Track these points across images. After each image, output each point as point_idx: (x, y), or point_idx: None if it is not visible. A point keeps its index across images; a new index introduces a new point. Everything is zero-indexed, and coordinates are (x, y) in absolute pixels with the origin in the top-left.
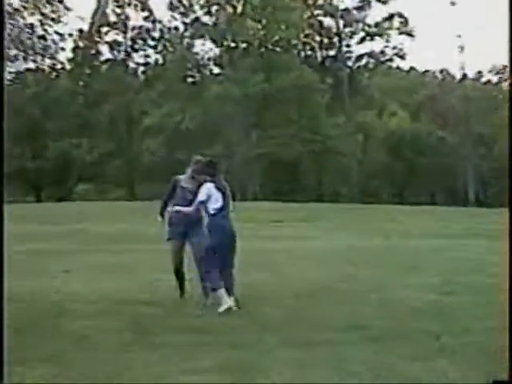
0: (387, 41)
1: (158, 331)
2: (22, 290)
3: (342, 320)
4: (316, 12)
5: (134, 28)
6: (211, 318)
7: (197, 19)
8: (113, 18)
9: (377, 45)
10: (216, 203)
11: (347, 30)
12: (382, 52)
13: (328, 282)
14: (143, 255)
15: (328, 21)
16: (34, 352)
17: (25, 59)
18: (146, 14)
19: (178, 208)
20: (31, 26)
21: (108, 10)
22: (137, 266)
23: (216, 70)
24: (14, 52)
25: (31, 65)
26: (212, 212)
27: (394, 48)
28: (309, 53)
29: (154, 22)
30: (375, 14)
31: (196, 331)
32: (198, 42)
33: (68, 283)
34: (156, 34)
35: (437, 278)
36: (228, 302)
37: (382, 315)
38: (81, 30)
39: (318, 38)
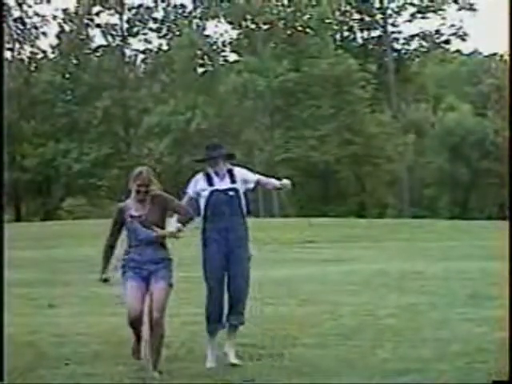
0: (443, 18)
1: (165, 378)
2: None
3: (392, 363)
4: None
5: (131, 8)
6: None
7: None
8: None
9: (430, 23)
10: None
11: (393, 5)
12: (437, 32)
13: (375, 315)
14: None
15: None
16: None
17: None
18: None
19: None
20: (6, 6)
21: None
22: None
23: (233, 58)
24: None
25: (7, 54)
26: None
27: (452, 26)
28: (346, 34)
29: None
30: None
31: (209, 376)
32: (210, 24)
33: (52, 321)
34: (159, 15)
35: (506, 310)
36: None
37: (440, 356)
38: (66, 11)
39: (357, 16)
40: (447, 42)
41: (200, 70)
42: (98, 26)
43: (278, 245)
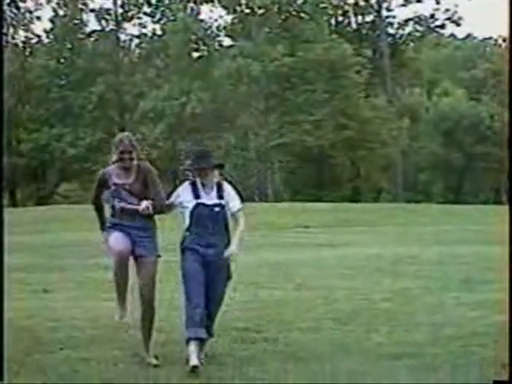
0: (438, 2)
1: (162, 362)
2: None
3: (387, 347)
4: None
5: None
6: (226, 346)
7: None
8: None
9: (425, 7)
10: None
11: None
12: (432, 16)
13: (370, 299)
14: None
15: None
16: None
17: None
18: None
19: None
20: None
21: None
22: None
23: (227, 42)
24: None
25: None
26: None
27: (447, 11)
28: (341, 19)
29: None
30: None
31: (208, 362)
32: (204, 8)
33: (48, 305)
34: None
35: (500, 294)
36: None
37: (434, 340)
38: None
39: (351, 1)
40: (442, 26)
41: (195, 54)
42: (92, 10)
43: (272, 230)
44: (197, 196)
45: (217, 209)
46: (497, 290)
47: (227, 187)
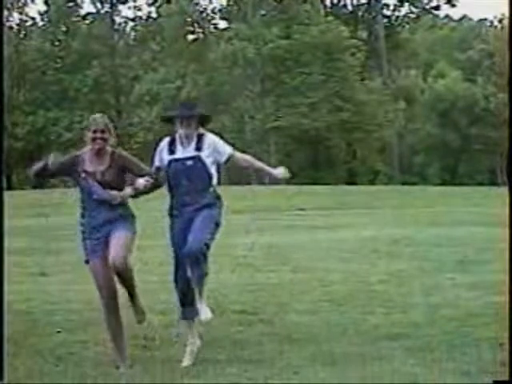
0: None
1: (157, 344)
2: None
3: (383, 328)
4: None
5: None
6: (223, 328)
7: None
8: None
9: None
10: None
11: None
12: None
13: (366, 281)
14: (135, 252)
15: None
16: (12, 374)
17: None
18: None
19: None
20: None
21: None
22: (138, 263)
23: (222, 25)
24: None
25: None
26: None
27: None
28: (336, 1)
29: None
30: None
31: (205, 345)
32: None
33: (44, 289)
34: None
35: (496, 275)
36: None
37: (429, 321)
38: None
39: None
40: (437, 7)
41: (190, 37)
42: None
43: (268, 212)
44: (172, 152)
45: (189, 162)
46: (493, 271)
47: (209, 137)
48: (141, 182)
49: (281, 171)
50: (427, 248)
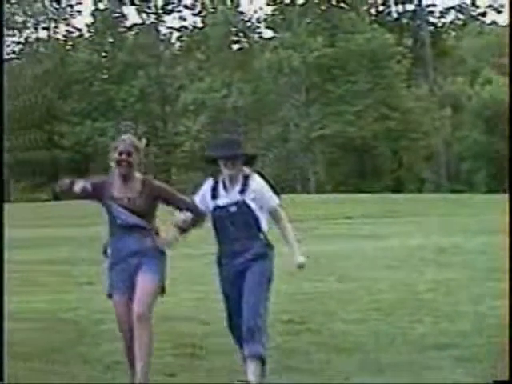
0: None
1: (204, 353)
2: (37, 307)
3: (431, 338)
4: None
5: None
6: (271, 337)
7: None
8: None
9: None
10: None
11: None
12: (474, 4)
13: (414, 290)
14: (186, 263)
15: None
16: (58, 382)
17: (35, 27)
18: None
19: None
20: None
21: None
22: (180, 275)
23: (268, 34)
24: (21, 18)
25: (43, 33)
26: None
27: None
28: (381, 8)
29: None
30: None
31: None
32: (244, 0)
33: (91, 298)
34: None
35: None
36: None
37: (478, 331)
38: None
39: None
40: (484, 14)
41: (235, 46)
42: (133, 3)
43: (315, 221)
44: (215, 196)
45: (233, 208)
46: None
47: (257, 181)
48: (181, 217)
49: (301, 260)
50: (475, 256)
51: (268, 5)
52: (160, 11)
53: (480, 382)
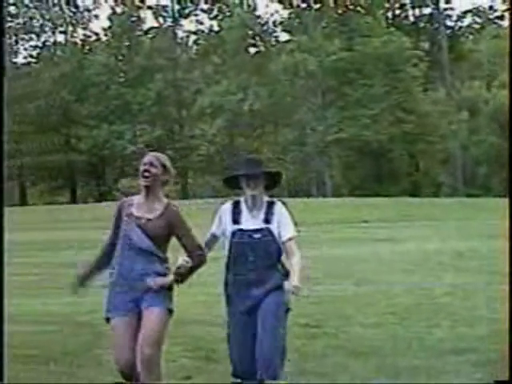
0: None
1: (219, 356)
2: (54, 310)
3: (448, 342)
4: None
5: None
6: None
7: None
8: None
9: None
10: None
11: None
12: (491, 8)
13: (431, 294)
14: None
15: None
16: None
17: (53, 31)
18: None
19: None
20: None
21: None
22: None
23: (284, 37)
24: (39, 23)
25: (60, 37)
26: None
27: (505, 1)
28: (398, 12)
29: None
30: None
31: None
32: (261, 4)
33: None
34: None
35: None
36: None
37: (496, 335)
38: None
39: None
40: (501, 17)
41: (252, 50)
42: (150, 7)
43: (331, 224)
44: (236, 220)
45: (257, 235)
46: None
47: (280, 209)
48: (179, 262)
49: (297, 284)
50: (492, 261)
51: (284, 8)
52: (177, 15)
53: None
